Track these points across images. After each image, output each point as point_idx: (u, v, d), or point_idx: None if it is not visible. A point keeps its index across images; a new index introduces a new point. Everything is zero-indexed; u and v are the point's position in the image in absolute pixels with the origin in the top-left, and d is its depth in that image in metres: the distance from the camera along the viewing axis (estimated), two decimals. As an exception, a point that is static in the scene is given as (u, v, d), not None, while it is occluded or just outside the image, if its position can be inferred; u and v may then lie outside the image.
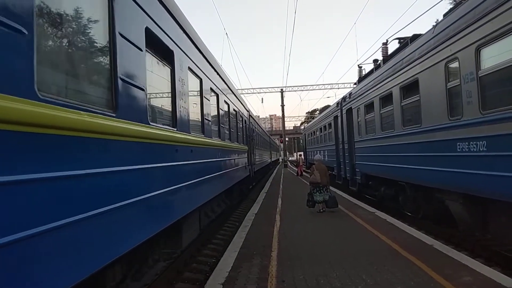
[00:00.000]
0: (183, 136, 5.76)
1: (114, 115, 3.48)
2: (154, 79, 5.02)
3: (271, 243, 7.50)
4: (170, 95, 5.56)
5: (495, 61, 5.96)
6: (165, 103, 5.58)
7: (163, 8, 5.21)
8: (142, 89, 4.25)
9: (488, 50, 6.15)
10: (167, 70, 5.52)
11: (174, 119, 5.51)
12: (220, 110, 9.70)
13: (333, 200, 11.21)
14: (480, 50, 6.28)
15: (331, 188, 12.68)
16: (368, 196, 15.10)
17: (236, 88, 18.45)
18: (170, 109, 5.56)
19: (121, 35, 3.72)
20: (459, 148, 6.92)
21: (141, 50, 4.29)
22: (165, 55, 5.40)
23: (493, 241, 7.81)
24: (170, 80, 5.55)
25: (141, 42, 4.30)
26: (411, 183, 9.84)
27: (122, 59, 3.75)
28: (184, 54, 6.15)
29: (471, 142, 6.52)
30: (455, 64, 7.10)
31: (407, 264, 5.77)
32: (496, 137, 5.90)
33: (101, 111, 3.24)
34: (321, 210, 11.16)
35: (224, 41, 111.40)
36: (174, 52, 5.58)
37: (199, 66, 7.31)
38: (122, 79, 3.70)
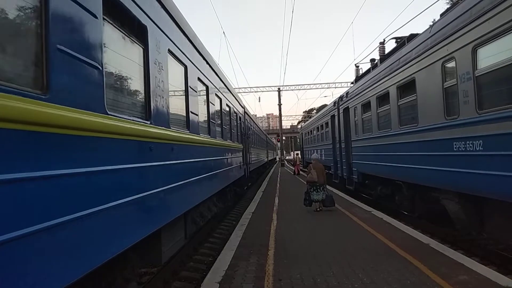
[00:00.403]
0: (160, 131, 4.79)
1: (43, 97, 2.55)
2: (118, 59, 3.98)
3: (268, 242, 7.50)
4: (142, 81, 4.52)
5: (492, 61, 5.99)
6: (134, 90, 4.51)
7: None
8: (97, 68, 3.27)
9: (485, 50, 6.17)
10: (138, 49, 4.47)
11: (148, 111, 4.49)
12: (210, 104, 8.51)
13: (330, 199, 11.24)
14: (476, 50, 6.31)
15: (328, 187, 12.71)
16: (365, 195, 15.14)
17: (234, 87, 17.92)
18: (143, 98, 4.53)
19: None
20: (455, 148, 6.95)
21: (96, 17, 3.31)
22: (135, 30, 4.33)
23: (489, 240, 7.85)
24: (142, 63, 4.52)
25: (95, 6, 3.32)
26: (408, 182, 9.87)
27: (60, 23, 2.79)
28: (162, 33, 5.12)
29: (468, 142, 6.55)
30: (451, 64, 7.13)
31: (403, 263, 5.79)
32: (492, 137, 5.93)
33: (19, 91, 2.33)
34: (318, 209, 11.18)
35: (221, 39, 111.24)
36: (148, 28, 4.55)
37: (183, 51, 6.27)
38: (60, 50, 2.76)
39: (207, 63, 8.59)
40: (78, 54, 3.01)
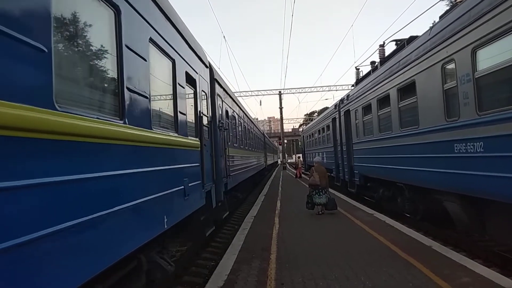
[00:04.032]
0: None
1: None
2: None
3: (270, 245, 7.50)
4: None
5: (491, 62, 6.00)
6: None
7: None
8: None
9: (484, 52, 6.19)
10: None
11: None
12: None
13: (332, 202, 11.23)
14: (476, 52, 6.32)
15: (330, 190, 12.70)
16: (367, 197, 15.12)
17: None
18: None
19: None
20: (456, 149, 6.95)
21: None
22: None
23: (491, 242, 7.83)
24: None
25: None
26: (409, 185, 9.86)
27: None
28: None
29: (468, 143, 6.55)
30: (451, 66, 7.14)
31: (405, 265, 5.78)
32: (493, 138, 5.93)
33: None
34: (320, 212, 11.17)
35: (221, 43, 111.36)
36: None
37: None
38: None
39: None
40: None
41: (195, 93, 7.07)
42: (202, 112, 7.40)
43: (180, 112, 5.72)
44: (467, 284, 4.89)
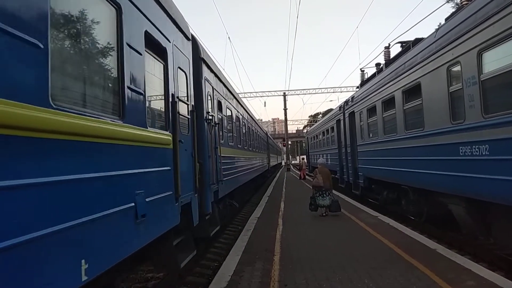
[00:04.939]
0: None
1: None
2: None
3: (273, 247, 7.50)
4: None
5: (497, 65, 5.98)
6: None
7: None
8: None
9: (490, 54, 6.16)
10: None
11: None
12: None
13: (336, 204, 11.19)
14: (482, 54, 6.30)
15: (334, 191, 12.67)
16: (371, 200, 15.08)
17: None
18: None
19: None
20: (461, 152, 6.91)
21: None
22: None
23: (496, 245, 7.77)
24: None
25: None
26: (414, 187, 9.82)
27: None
28: None
29: (474, 146, 6.52)
30: (457, 68, 7.12)
31: (410, 268, 5.75)
32: (498, 141, 5.90)
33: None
34: (324, 214, 11.15)
35: (226, 45, 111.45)
36: None
37: None
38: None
39: None
40: None
41: (165, 68, 5.11)
42: (177, 97, 5.44)
43: (131, 90, 3.81)
44: (472, 287, 4.86)
